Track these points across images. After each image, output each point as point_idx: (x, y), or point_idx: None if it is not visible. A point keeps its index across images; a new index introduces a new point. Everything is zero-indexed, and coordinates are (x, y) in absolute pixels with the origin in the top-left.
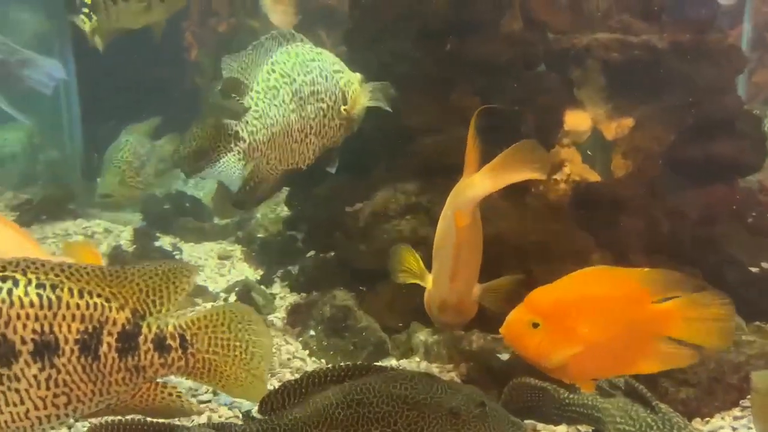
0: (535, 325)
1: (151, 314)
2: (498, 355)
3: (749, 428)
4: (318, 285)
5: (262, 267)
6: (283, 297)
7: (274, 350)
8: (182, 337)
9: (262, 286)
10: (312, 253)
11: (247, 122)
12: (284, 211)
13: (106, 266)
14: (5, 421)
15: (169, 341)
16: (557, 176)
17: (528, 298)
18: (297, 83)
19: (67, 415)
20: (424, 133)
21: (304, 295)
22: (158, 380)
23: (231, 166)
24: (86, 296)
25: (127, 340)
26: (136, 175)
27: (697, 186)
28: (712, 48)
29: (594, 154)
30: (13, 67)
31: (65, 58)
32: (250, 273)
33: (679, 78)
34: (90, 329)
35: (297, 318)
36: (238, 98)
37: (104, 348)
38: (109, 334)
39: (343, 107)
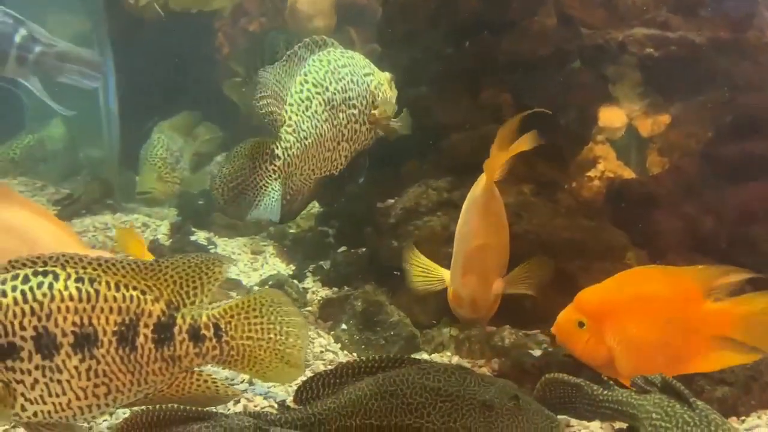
0: (581, 324)
1: (185, 305)
2: (530, 351)
3: None
4: (349, 280)
5: (294, 262)
6: (315, 291)
7: (308, 343)
8: (216, 326)
9: (295, 281)
10: (343, 248)
11: (281, 138)
12: (315, 207)
13: (141, 260)
14: (48, 411)
15: (204, 331)
16: (591, 173)
17: (576, 298)
18: (329, 92)
19: (107, 405)
20: (456, 130)
21: (335, 289)
22: (194, 369)
23: (269, 188)
24: (123, 289)
25: (163, 331)
26: (171, 171)
27: (735, 184)
28: (751, 45)
29: (629, 151)
30: (54, 59)
31: (104, 58)
32: (283, 268)
33: (717, 75)
34: (127, 321)
35: (329, 312)
36: (272, 118)
37: (141, 339)
38: (146, 325)
39: (372, 111)
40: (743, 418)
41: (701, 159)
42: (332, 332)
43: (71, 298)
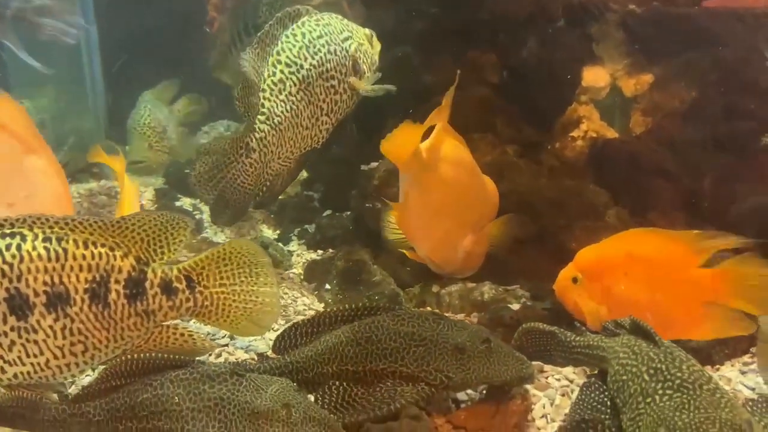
0: (575, 280)
1: (154, 261)
2: (509, 306)
3: (757, 374)
4: (334, 243)
5: (280, 228)
6: (300, 254)
7: (290, 301)
8: (188, 279)
9: (279, 244)
10: (328, 212)
11: (255, 129)
12: (301, 173)
13: (107, 218)
14: (28, 372)
15: (176, 284)
16: (574, 133)
17: (576, 255)
18: (304, 69)
19: (85, 363)
20: (441, 91)
21: (320, 252)
22: (170, 323)
23: (246, 178)
24: (91, 246)
25: (135, 286)
26: (160, 140)
27: (719, 144)
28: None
29: (613, 111)
30: (31, 14)
31: (88, 26)
32: (269, 233)
33: (701, 33)
34: (98, 278)
35: (313, 274)
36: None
37: (113, 295)
38: (117, 281)
39: (352, 79)
40: (717, 366)
41: (684, 118)
42: (316, 292)
43: (40, 258)
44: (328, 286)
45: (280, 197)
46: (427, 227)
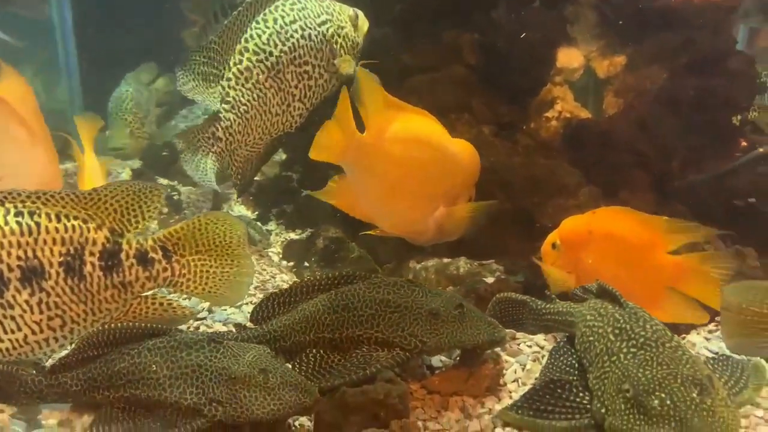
0: (554, 246)
1: (129, 231)
2: (484, 279)
3: (721, 339)
4: (313, 222)
5: (259, 208)
6: (279, 233)
7: (268, 277)
8: (164, 249)
9: (258, 223)
10: (307, 191)
11: (221, 118)
12: (280, 154)
13: (79, 190)
14: (7, 349)
15: (151, 254)
16: (549, 114)
17: (561, 223)
18: (274, 56)
19: (64, 338)
20: (419, 71)
21: (298, 231)
22: (148, 294)
23: (212, 167)
24: (64, 219)
25: (110, 258)
26: (141, 125)
27: (689, 124)
28: None
29: (587, 92)
30: None
31: (62, 8)
32: (248, 214)
33: (672, 16)
34: (72, 251)
35: (291, 253)
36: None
37: (88, 268)
38: (91, 253)
39: (333, 61)
40: (683, 335)
41: (656, 99)
42: (295, 270)
43: (13, 233)
44: (306, 264)
45: (257, 178)
46: (382, 206)
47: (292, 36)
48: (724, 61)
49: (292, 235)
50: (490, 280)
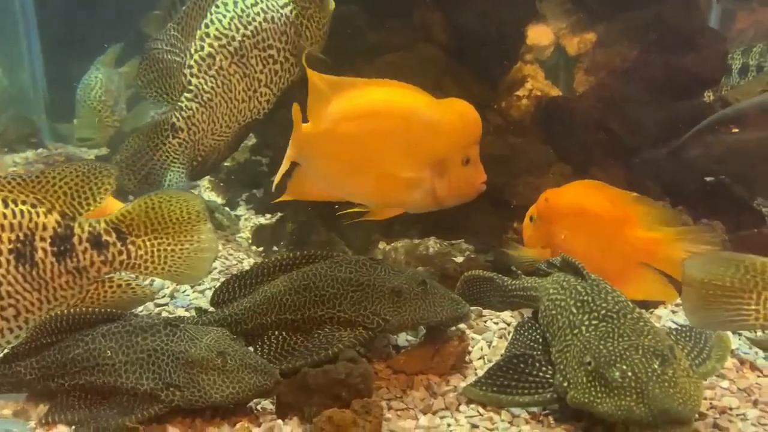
0: (532, 219)
1: (80, 214)
2: (453, 259)
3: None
4: (283, 206)
5: (228, 194)
6: (248, 218)
7: (235, 262)
8: (118, 230)
9: (226, 208)
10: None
11: (181, 108)
12: (251, 138)
13: (26, 173)
14: None
15: (105, 237)
16: (519, 92)
17: (540, 196)
18: (236, 41)
19: (19, 327)
20: (387, 50)
21: (268, 216)
22: (105, 278)
23: (175, 160)
24: (11, 205)
25: (62, 243)
26: (111, 113)
27: (660, 100)
28: None
29: (558, 70)
30: None
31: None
32: (216, 199)
33: None
34: (21, 237)
35: (261, 237)
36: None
37: (40, 254)
38: (42, 239)
39: (298, 43)
40: (651, 310)
41: (626, 76)
42: (264, 255)
43: None
44: (275, 249)
45: (227, 164)
46: (355, 187)
47: (254, 19)
48: (695, 38)
49: (262, 220)
50: (459, 259)
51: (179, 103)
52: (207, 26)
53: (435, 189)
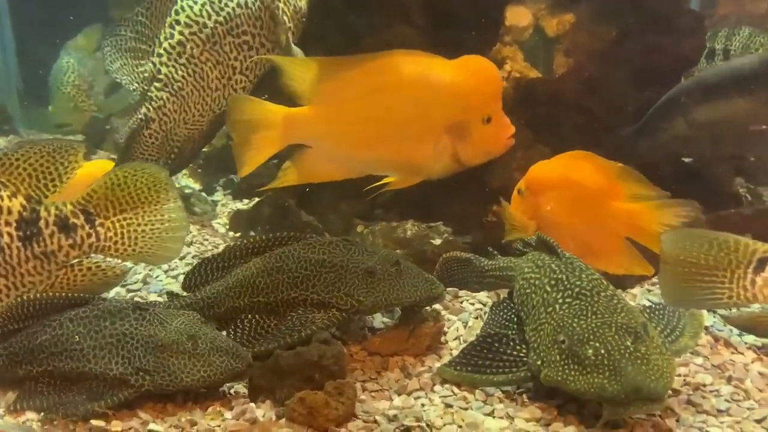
0: (520, 192)
1: (46, 197)
2: (431, 241)
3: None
4: (261, 191)
5: (205, 179)
6: (225, 204)
7: (210, 248)
8: (85, 212)
9: (203, 194)
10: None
11: (151, 98)
12: None
13: None
14: None
15: (73, 219)
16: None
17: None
18: (208, 27)
19: None
20: (365, 32)
21: (246, 201)
22: (74, 262)
23: (144, 152)
24: None
25: (28, 227)
26: (87, 98)
27: (639, 81)
28: None
29: (537, 52)
30: None
31: None
32: (193, 184)
33: None
34: None
35: (239, 223)
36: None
37: (5, 239)
38: (7, 223)
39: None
40: (627, 289)
41: (605, 57)
42: (241, 240)
43: None
44: (253, 234)
45: (206, 150)
46: (371, 161)
47: (226, 5)
48: (673, 19)
49: (239, 206)
50: (438, 242)
51: (149, 93)
52: (177, 13)
53: (458, 153)
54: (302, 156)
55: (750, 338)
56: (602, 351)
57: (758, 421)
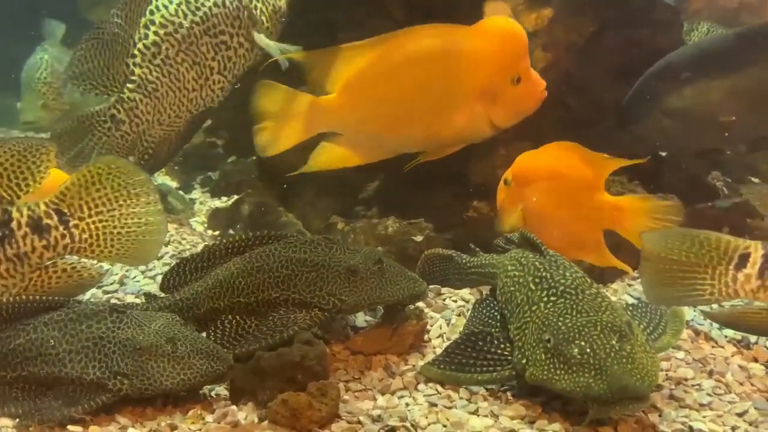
0: (506, 182)
1: (18, 197)
2: (413, 238)
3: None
4: (239, 189)
5: (182, 177)
6: (203, 202)
7: (189, 247)
8: (59, 212)
9: (180, 192)
10: (233, 158)
11: (123, 99)
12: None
13: None
14: None
15: (46, 220)
16: None
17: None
18: (184, 27)
19: None
20: (343, 27)
21: (224, 199)
22: (48, 264)
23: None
24: None
25: (0, 229)
26: (58, 96)
27: (617, 76)
28: None
29: None
30: None
31: None
32: (170, 182)
33: None
34: None
35: (217, 221)
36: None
37: None
38: None
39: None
40: (608, 284)
41: (583, 52)
42: (220, 239)
43: None
44: (232, 232)
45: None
46: (407, 136)
47: (203, 4)
48: (650, 12)
49: (218, 203)
50: (419, 238)
51: (121, 95)
52: (152, 13)
53: (490, 117)
54: (334, 140)
55: (730, 332)
56: (588, 350)
57: (739, 415)
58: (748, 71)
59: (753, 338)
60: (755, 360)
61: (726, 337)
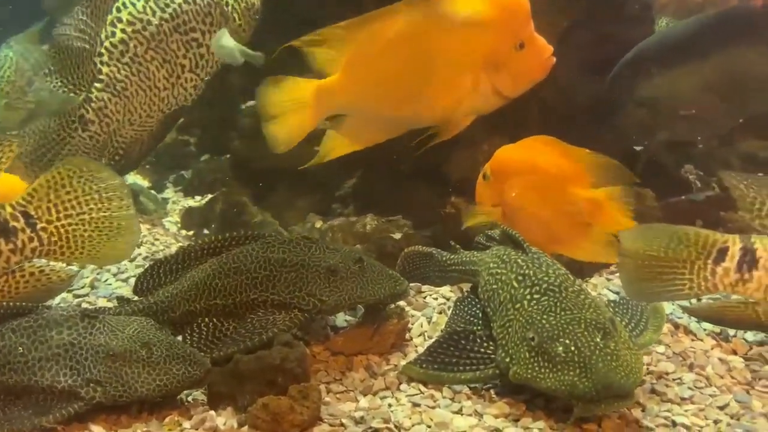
0: (485, 177)
1: None
2: (391, 236)
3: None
4: (213, 188)
5: (154, 176)
6: (176, 201)
7: (162, 248)
8: (26, 215)
9: (152, 191)
10: (206, 156)
11: (91, 99)
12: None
13: None
14: None
15: (12, 223)
16: None
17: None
18: (153, 25)
19: None
20: (319, 24)
21: (198, 198)
22: (15, 269)
23: (85, 155)
24: None
25: None
26: (22, 95)
27: (591, 69)
28: None
29: None
30: None
31: None
32: (141, 182)
33: None
34: None
35: (191, 221)
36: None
37: None
38: None
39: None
40: (587, 279)
41: (557, 47)
42: (194, 239)
43: None
44: (206, 232)
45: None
46: (413, 112)
47: (172, 1)
48: (622, 7)
49: (191, 203)
50: (398, 236)
51: (89, 94)
52: (119, 10)
53: (496, 86)
54: (342, 125)
55: (708, 324)
56: (572, 348)
57: (721, 408)
58: (715, 57)
59: (731, 331)
60: (734, 353)
61: (705, 330)
